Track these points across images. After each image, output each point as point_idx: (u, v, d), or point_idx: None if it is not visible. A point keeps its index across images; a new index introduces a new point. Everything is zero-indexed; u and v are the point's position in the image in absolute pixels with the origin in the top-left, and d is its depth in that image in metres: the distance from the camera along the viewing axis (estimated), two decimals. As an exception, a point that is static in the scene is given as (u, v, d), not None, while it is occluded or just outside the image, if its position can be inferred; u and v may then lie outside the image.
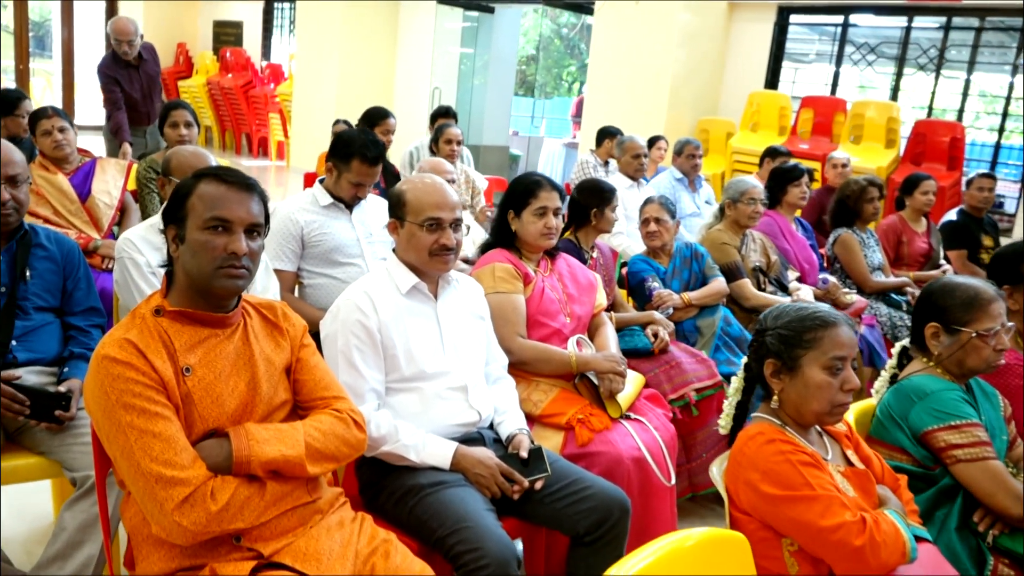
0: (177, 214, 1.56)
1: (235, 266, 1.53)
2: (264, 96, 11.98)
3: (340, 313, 2.02)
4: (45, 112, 3.44)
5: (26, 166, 2.29)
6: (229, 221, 1.53)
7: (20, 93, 4.11)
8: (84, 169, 3.50)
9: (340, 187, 2.94)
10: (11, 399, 2.01)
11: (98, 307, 2.39)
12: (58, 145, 3.40)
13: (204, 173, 1.58)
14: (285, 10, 12.94)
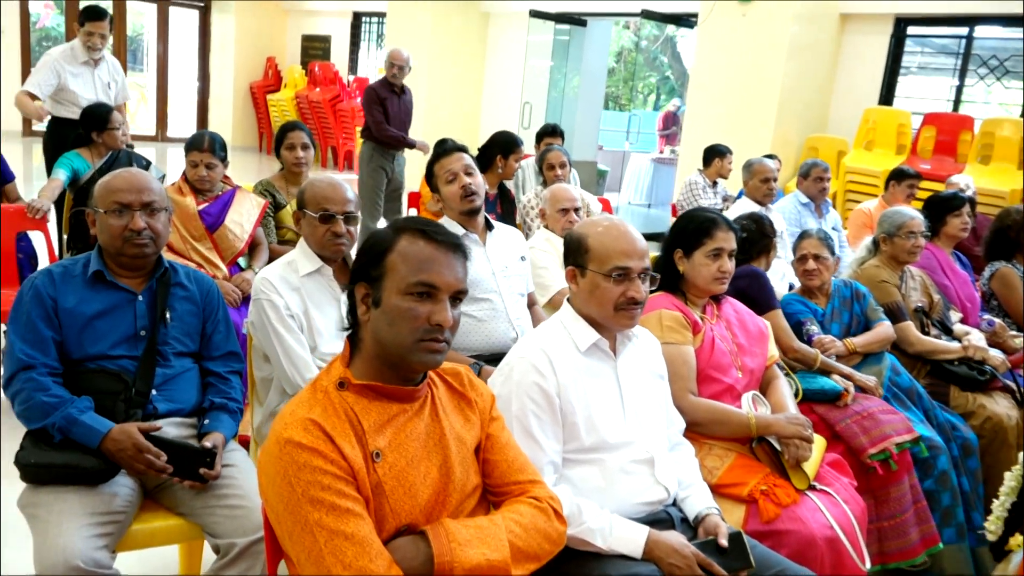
0: (371, 272, 1.36)
1: (438, 339, 1.32)
2: (351, 110, 11.99)
3: (514, 373, 1.79)
4: (199, 143, 3.28)
5: (164, 195, 2.14)
6: (436, 287, 1.32)
7: (107, 107, 4.02)
8: (223, 198, 3.34)
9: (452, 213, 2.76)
10: (154, 455, 1.85)
11: (237, 352, 2.22)
12: (201, 180, 3.29)
13: (406, 227, 1.37)
14: (373, 24, 12.96)
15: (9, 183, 3.82)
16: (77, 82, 4.75)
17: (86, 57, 4.79)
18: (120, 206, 2.02)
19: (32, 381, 1.87)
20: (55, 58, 4.70)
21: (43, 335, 1.92)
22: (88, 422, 1.84)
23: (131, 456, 1.83)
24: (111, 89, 4.94)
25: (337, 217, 2.29)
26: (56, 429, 1.83)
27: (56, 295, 1.96)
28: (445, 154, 2.77)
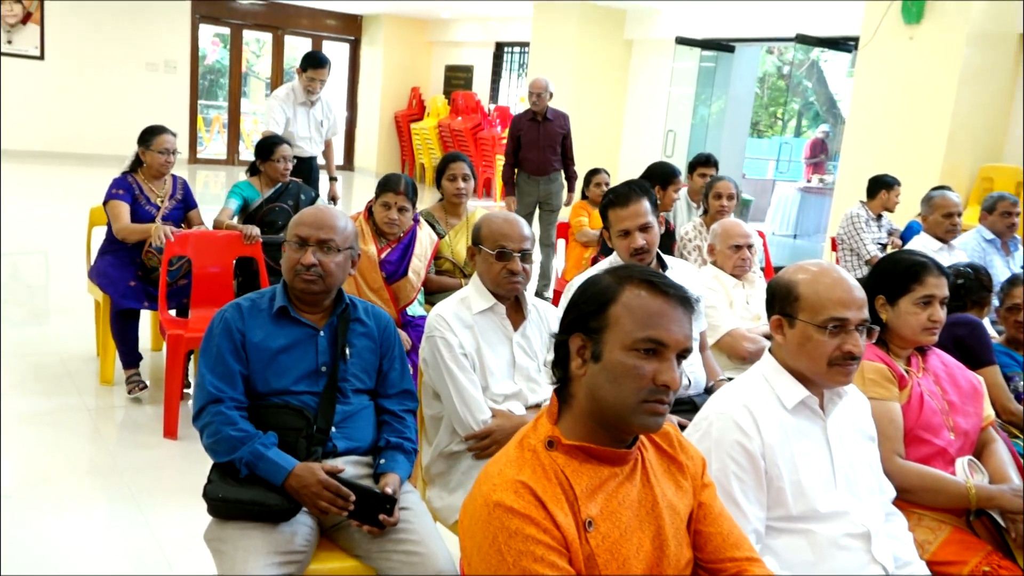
0: (590, 323, 1.26)
1: (662, 400, 1.21)
2: (492, 138, 12.15)
3: (713, 430, 1.65)
4: (395, 185, 3.22)
5: (348, 236, 2.12)
6: (664, 344, 1.21)
7: (279, 139, 4.16)
8: (404, 242, 3.28)
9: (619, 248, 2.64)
10: (336, 493, 1.82)
11: (412, 390, 2.18)
12: (390, 223, 3.23)
13: (631, 276, 1.27)
14: (515, 54, 13.13)
15: (193, 210, 4.01)
16: (295, 121, 5.11)
17: (304, 99, 5.12)
18: (299, 240, 2.03)
19: (220, 415, 1.89)
20: (281, 100, 5.09)
21: (231, 369, 1.94)
22: (274, 458, 1.84)
23: (314, 494, 1.82)
24: (323, 126, 5.29)
25: (514, 255, 2.22)
26: (243, 464, 1.85)
27: (245, 329, 1.99)
28: (620, 203, 2.57)
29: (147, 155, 3.81)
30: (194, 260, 3.75)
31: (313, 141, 5.31)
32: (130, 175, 3.85)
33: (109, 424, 3.51)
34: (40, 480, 2.97)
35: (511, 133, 6.26)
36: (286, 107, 5.10)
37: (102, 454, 3.24)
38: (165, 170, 3.87)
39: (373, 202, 3.31)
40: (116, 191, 3.78)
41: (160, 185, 3.90)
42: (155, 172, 3.85)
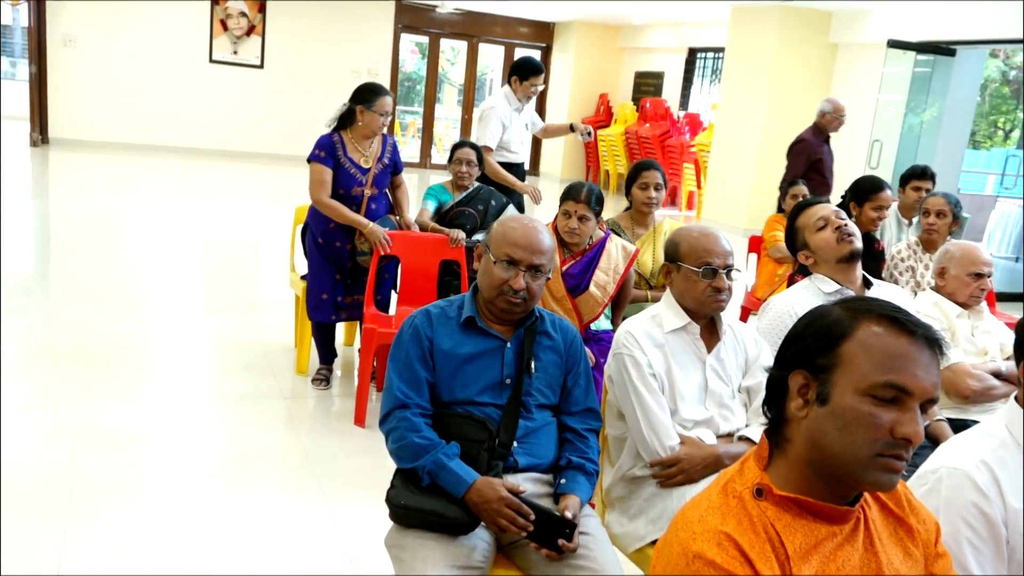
0: (817, 360, 1.12)
1: (900, 456, 1.04)
2: (680, 146, 11.86)
3: (943, 487, 1.43)
4: (576, 193, 3.11)
5: (553, 255, 2.08)
6: (908, 392, 1.05)
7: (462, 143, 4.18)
8: (589, 255, 3.16)
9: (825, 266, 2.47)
10: (517, 512, 1.77)
11: (596, 409, 2.09)
12: (571, 232, 3.13)
13: (869, 310, 1.12)
14: (708, 60, 12.75)
15: (399, 174, 4.00)
16: (510, 129, 5.07)
17: (517, 104, 5.04)
18: (511, 260, 1.99)
19: (406, 420, 1.89)
20: (498, 111, 5.00)
21: (419, 375, 1.94)
22: (456, 470, 1.82)
23: (494, 511, 1.78)
24: (527, 129, 5.25)
25: (720, 271, 2.09)
26: (425, 472, 1.84)
27: (433, 336, 1.98)
28: (807, 206, 2.56)
29: (365, 115, 3.67)
30: (403, 260, 3.82)
31: (524, 145, 5.24)
32: (336, 133, 3.72)
33: (302, 413, 3.69)
34: (241, 463, 3.15)
35: (806, 155, 6.22)
36: (504, 117, 4.99)
37: (293, 442, 3.40)
38: (379, 132, 3.76)
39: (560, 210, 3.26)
40: (319, 152, 3.67)
41: (367, 146, 3.77)
42: (368, 133, 3.71)
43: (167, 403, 3.64)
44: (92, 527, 2.59)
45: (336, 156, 3.68)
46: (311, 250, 3.87)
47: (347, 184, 3.72)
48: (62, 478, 2.86)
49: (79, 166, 10.75)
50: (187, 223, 7.92)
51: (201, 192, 9.85)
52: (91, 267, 5.91)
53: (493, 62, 18.01)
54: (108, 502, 2.74)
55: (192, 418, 3.52)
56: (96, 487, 2.83)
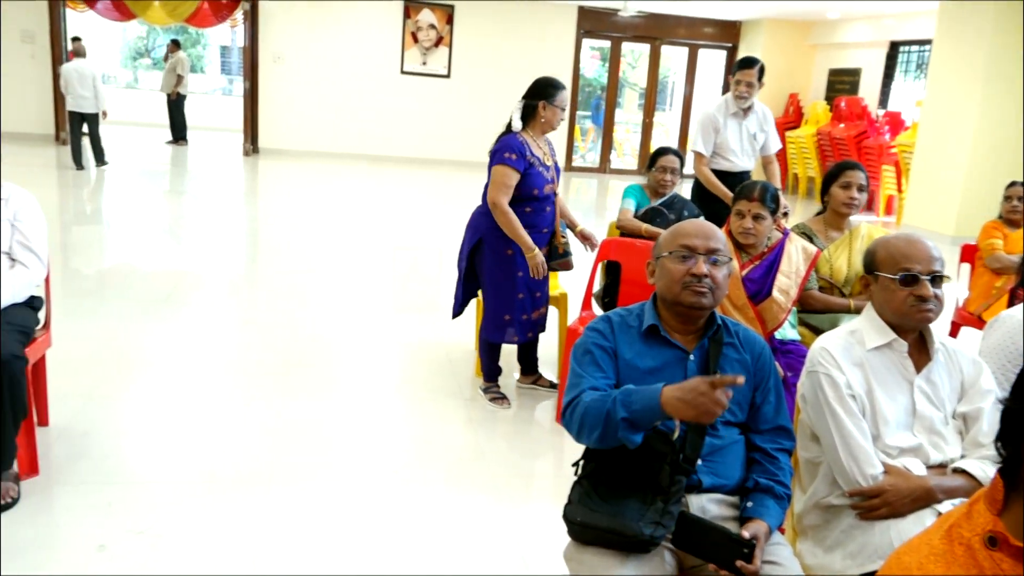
0: None
1: None
2: (879, 147, 11.07)
3: None
4: (749, 191, 2.97)
5: (728, 250, 1.98)
6: None
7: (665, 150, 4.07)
8: (769, 259, 3.00)
9: None
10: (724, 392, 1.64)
11: (788, 427, 1.95)
12: (745, 233, 2.98)
13: None
14: (912, 53, 11.82)
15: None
16: (725, 134, 4.85)
17: (735, 108, 4.81)
18: (686, 250, 1.91)
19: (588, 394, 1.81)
20: (711, 114, 4.85)
21: (608, 376, 1.89)
22: (644, 388, 1.72)
23: (699, 393, 1.62)
24: (756, 140, 4.92)
25: (922, 278, 1.90)
26: (618, 406, 1.71)
27: (616, 344, 1.92)
28: None
29: (547, 110, 3.56)
30: (624, 266, 3.73)
31: (745, 154, 4.92)
32: (519, 134, 3.57)
33: (484, 414, 3.74)
34: (424, 461, 3.24)
35: None
36: (716, 120, 4.81)
37: (475, 442, 3.45)
38: (556, 128, 3.66)
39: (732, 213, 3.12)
40: (509, 155, 3.47)
41: (544, 143, 3.68)
42: (547, 128, 3.61)
43: (356, 400, 3.81)
44: (287, 513, 2.74)
45: (526, 159, 3.52)
46: (491, 266, 3.62)
47: (540, 183, 3.56)
48: (261, 468, 3.06)
49: (283, 173, 11.61)
50: (377, 226, 8.34)
51: (391, 197, 10.34)
52: (290, 266, 6.35)
53: (675, 64, 17.67)
54: (301, 490, 2.90)
55: (379, 415, 3.66)
56: (290, 477, 3.00)
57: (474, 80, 13.37)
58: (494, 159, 3.51)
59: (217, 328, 4.68)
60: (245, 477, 2.97)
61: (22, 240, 2.83)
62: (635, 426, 1.71)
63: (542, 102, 3.58)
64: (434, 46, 13.30)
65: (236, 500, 2.80)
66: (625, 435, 1.71)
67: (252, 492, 2.86)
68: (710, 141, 4.83)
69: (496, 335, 3.71)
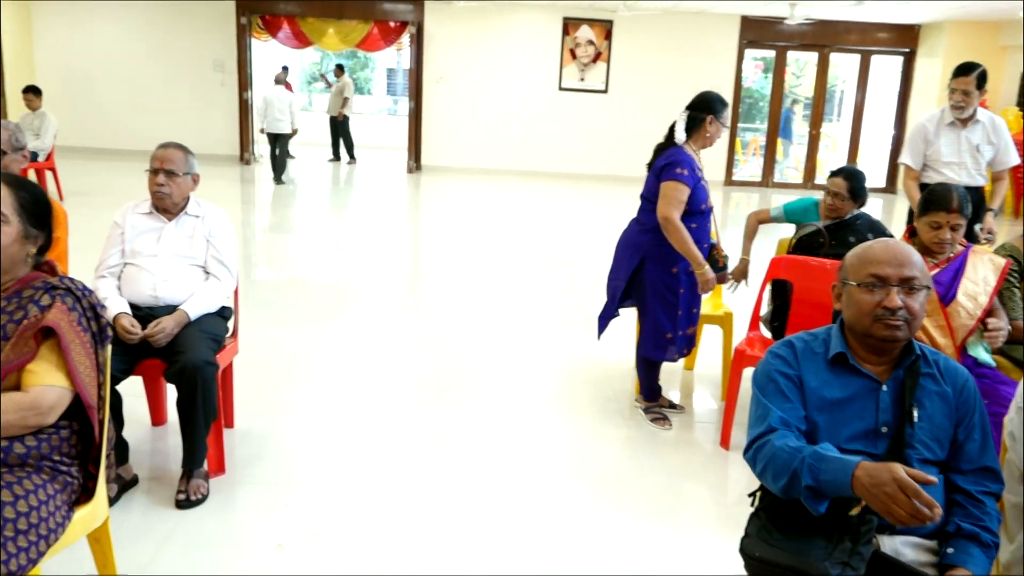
0: None
1: None
2: (1081, 156, 10.02)
3: None
4: (945, 202, 2.80)
5: (926, 271, 1.83)
6: None
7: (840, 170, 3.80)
8: (955, 264, 2.85)
9: None
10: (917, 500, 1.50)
11: (995, 468, 1.77)
12: (940, 243, 2.83)
13: None
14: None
15: None
16: (938, 144, 4.56)
17: (951, 118, 4.53)
18: (876, 279, 1.77)
19: (780, 438, 1.71)
20: (921, 124, 4.63)
21: (795, 407, 1.78)
22: (838, 455, 1.61)
23: (887, 495, 1.47)
24: (982, 153, 4.56)
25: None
26: (804, 468, 1.61)
27: (800, 372, 1.81)
28: None
29: (713, 125, 3.48)
30: (796, 286, 3.59)
31: (965, 169, 4.57)
32: (685, 146, 3.49)
33: (645, 434, 3.65)
34: (583, 479, 3.20)
35: None
36: (927, 129, 4.54)
37: (636, 463, 3.38)
38: (713, 144, 3.56)
39: (916, 221, 2.92)
40: (680, 171, 3.37)
41: (700, 156, 3.58)
42: (709, 143, 3.53)
43: (514, 414, 3.83)
44: (449, 522, 2.79)
45: (696, 175, 3.43)
46: (657, 284, 3.53)
47: (704, 197, 3.48)
48: (423, 477, 3.13)
49: (445, 189, 11.99)
50: (534, 241, 8.42)
51: (548, 212, 10.42)
52: (451, 280, 6.51)
53: (844, 73, 16.82)
54: (462, 501, 2.94)
55: (537, 431, 3.66)
56: (452, 487, 3.05)
57: (632, 95, 13.29)
58: (666, 174, 3.40)
59: (382, 339, 4.86)
60: (408, 484, 3.04)
61: (216, 255, 3.05)
62: (820, 495, 1.60)
63: (709, 116, 3.49)
64: (592, 62, 13.33)
65: (400, 506, 2.87)
66: (809, 503, 1.61)
67: (415, 499, 2.93)
68: (919, 153, 4.54)
69: (658, 353, 3.62)
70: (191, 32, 13.27)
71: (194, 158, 3.12)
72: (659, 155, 3.51)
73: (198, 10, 13.19)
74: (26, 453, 1.82)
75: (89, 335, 1.96)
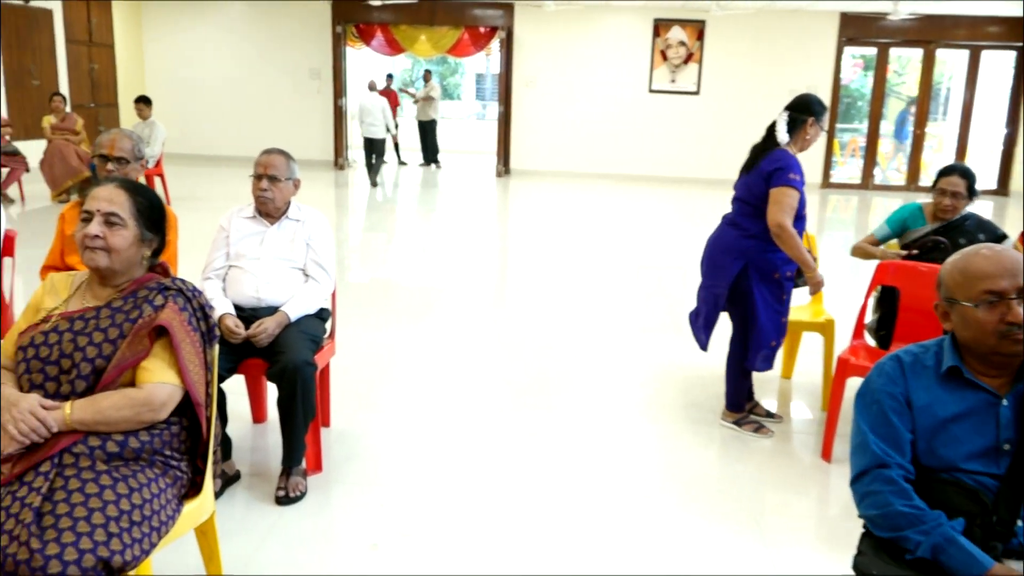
0: None
1: None
2: None
3: None
4: None
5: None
6: None
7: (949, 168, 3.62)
8: None
9: None
10: None
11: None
12: None
13: None
14: None
15: None
16: None
17: None
18: (992, 295, 1.67)
19: (892, 483, 1.65)
20: None
21: (898, 431, 1.70)
22: (969, 548, 1.54)
23: None
24: None
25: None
26: (924, 545, 1.57)
27: (908, 389, 1.72)
28: None
29: (814, 128, 3.39)
30: (903, 293, 3.46)
31: None
32: (788, 148, 3.38)
33: (735, 443, 3.56)
34: (677, 488, 3.14)
35: None
36: None
37: (731, 472, 3.29)
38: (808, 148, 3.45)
39: None
40: (793, 176, 3.26)
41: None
42: (807, 147, 3.43)
43: (604, 420, 3.79)
44: (538, 525, 2.78)
45: (803, 179, 3.33)
46: (763, 292, 3.42)
47: (804, 202, 3.38)
48: (513, 480, 3.13)
49: (533, 193, 12.01)
50: (623, 245, 8.34)
51: (637, 216, 10.31)
52: (539, 284, 6.51)
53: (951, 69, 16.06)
54: (551, 505, 2.92)
55: (628, 437, 3.61)
56: (541, 491, 3.04)
57: (724, 96, 13.03)
58: (777, 179, 3.28)
59: (471, 342, 4.89)
60: (498, 487, 3.04)
61: (315, 258, 3.13)
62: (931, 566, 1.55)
63: (811, 118, 3.38)
64: (683, 63, 13.13)
65: (490, 508, 2.88)
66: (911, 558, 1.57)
67: (505, 501, 2.93)
68: None
69: (764, 364, 3.50)
70: (289, 42, 13.73)
71: (295, 164, 3.21)
72: (760, 157, 3.40)
73: (296, 20, 13.63)
74: (140, 448, 1.90)
75: (199, 334, 2.04)
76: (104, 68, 12.93)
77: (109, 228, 1.99)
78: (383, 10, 13.32)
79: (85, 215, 2.02)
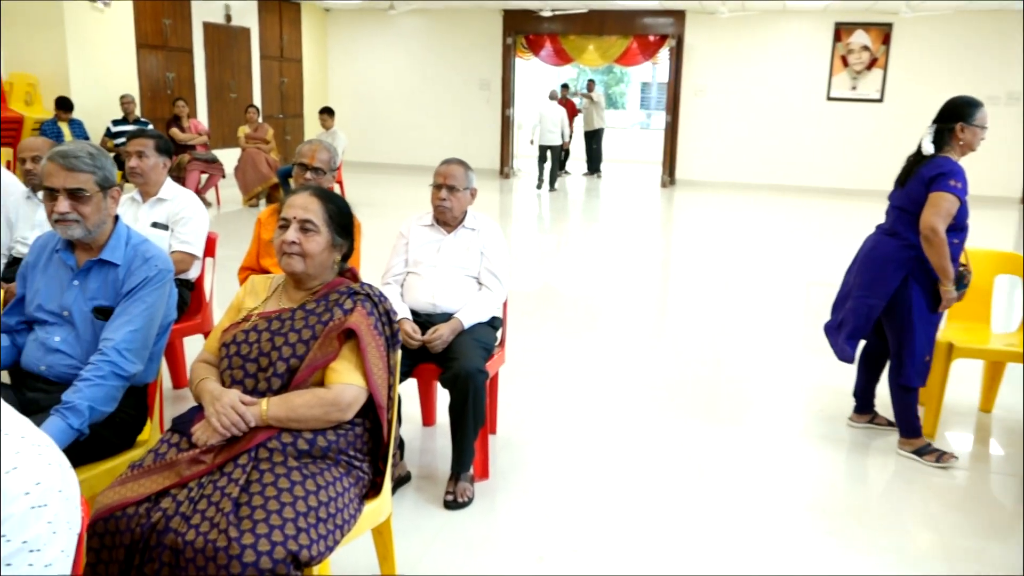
0: None
1: None
2: None
3: None
4: None
5: None
6: None
7: None
8: None
9: None
10: None
11: None
12: None
13: None
14: None
15: None
16: None
17: None
18: None
19: None
20: None
21: None
22: None
23: None
24: None
25: None
26: None
27: None
28: None
29: (966, 131, 3.24)
30: None
31: None
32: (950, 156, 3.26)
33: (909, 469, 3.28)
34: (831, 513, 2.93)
35: None
36: None
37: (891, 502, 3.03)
38: (975, 150, 3.30)
39: None
40: (955, 183, 3.17)
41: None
42: (966, 151, 3.28)
43: (769, 439, 3.60)
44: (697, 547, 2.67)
45: (967, 189, 3.21)
46: (922, 304, 3.30)
47: (967, 212, 3.26)
48: (679, 495, 3.02)
49: (698, 204, 11.72)
50: (793, 260, 7.95)
51: (809, 229, 9.83)
52: (704, 297, 6.31)
53: None
54: (712, 525, 2.80)
55: (789, 459, 3.42)
56: (703, 512, 2.92)
57: (912, 103, 12.15)
58: (938, 184, 3.19)
59: (635, 354, 4.80)
60: (663, 504, 2.95)
61: (489, 267, 3.17)
62: None
63: (959, 123, 3.25)
64: (866, 69, 12.40)
65: (655, 525, 2.79)
66: None
67: (670, 518, 2.83)
68: None
69: (920, 380, 3.35)
70: (461, 53, 14.15)
71: (473, 173, 3.27)
72: (916, 166, 3.31)
73: (468, 32, 14.03)
74: (327, 447, 1.97)
75: (383, 339, 2.10)
76: (292, 81, 13.86)
77: (304, 234, 2.09)
78: (553, 21, 13.45)
79: (283, 222, 2.13)
